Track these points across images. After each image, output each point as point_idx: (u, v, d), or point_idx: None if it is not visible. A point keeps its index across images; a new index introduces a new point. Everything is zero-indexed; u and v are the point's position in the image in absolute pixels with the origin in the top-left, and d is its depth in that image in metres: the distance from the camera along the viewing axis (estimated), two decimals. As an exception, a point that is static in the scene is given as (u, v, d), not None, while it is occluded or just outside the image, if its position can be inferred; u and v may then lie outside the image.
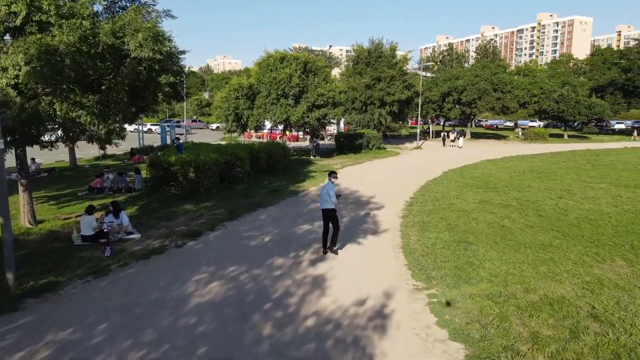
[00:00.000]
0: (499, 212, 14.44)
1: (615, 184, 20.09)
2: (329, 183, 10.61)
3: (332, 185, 10.48)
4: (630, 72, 55.96)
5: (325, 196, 10.29)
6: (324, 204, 10.37)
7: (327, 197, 10.26)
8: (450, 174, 24.14)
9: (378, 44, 41.32)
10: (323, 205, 10.42)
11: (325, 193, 10.34)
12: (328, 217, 10.43)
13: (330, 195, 10.23)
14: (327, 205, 10.35)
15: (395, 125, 41.95)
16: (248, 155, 20.02)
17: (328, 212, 10.40)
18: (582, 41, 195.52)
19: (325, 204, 10.37)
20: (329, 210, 10.38)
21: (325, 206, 10.38)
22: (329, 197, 10.24)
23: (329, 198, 10.24)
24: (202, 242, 11.41)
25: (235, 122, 28.14)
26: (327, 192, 10.29)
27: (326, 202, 10.32)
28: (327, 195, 10.26)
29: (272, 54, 28.01)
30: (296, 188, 19.25)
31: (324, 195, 10.38)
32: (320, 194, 10.56)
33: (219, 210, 14.92)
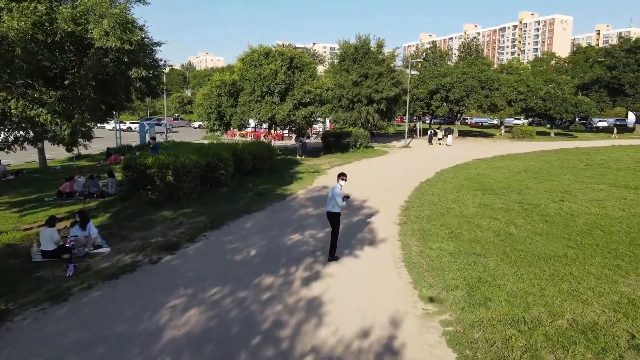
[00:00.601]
0: (503, 218, 13.46)
1: (615, 185, 19.35)
2: (337, 186, 9.90)
3: (338, 188, 9.78)
4: (615, 70, 55.92)
5: (332, 199, 9.73)
6: (331, 207, 9.80)
7: (334, 200, 9.68)
8: (443, 174, 23.18)
9: (365, 40, 40.23)
10: (329, 208, 9.86)
11: (331, 196, 9.75)
12: (330, 221, 9.91)
13: (335, 199, 9.61)
14: (333, 209, 9.78)
15: (383, 124, 40.97)
16: (231, 156, 18.72)
17: (332, 215, 9.82)
18: (563, 40, 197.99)
19: (331, 208, 9.80)
20: (333, 214, 9.81)
21: (329, 209, 9.82)
22: (334, 201, 9.67)
23: (334, 201, 9.67)
24: (180, 256, 10.14)
25: (218, 121, 26.74)
26: (332, 195, 9.71)
27: (332, 205, 9.76)
28: (333, 199, 9.68)
29: (257, 49, 26.68)
30: (283, 191, 18.04)
31: (330, 198, 9.79)
32: (328, 197, 9.92)
33: (200, 217, 13.64)
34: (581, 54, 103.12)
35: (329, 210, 9.87)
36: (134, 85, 10.77)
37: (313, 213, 14.35)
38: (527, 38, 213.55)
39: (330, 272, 9.23)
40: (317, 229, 12.47)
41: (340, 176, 10.12)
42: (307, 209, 15.02)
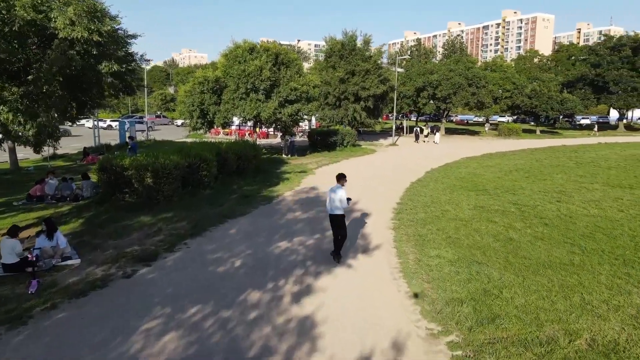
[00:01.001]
0: (501, 221, 12.85)
1: (609, 184, 18.96)
2: (339, 187, 9.59)
3: (342, 190, 9.54)
4: (599, 68, 56.20)
5: (337, 201, 9.43)
6: (335, 209, 9.53)
7: (339, 202, 9.42)
8: (434, 173, 22.59)
9: (352, 36, 39.51)
10: (333, 211, 9.56)
11: (337, 198, 9.44)
12: (335, 223, 9.62)
13: (342, 201, 9.40)
14: (338, 211, 9.52)
15: (370, 121, 40.33)
16: (215, 157, 17.82)
17: (338, 218, 9.55)
18: (545, 38, 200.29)
19: (336, 210, 9.52)
20: (339, 217, 9.56)
21: (336, 212, 9.52)
22: (338, 203, 9.42)
23: (339, 203, 9.42)
24: (158, 268, 9.26)
25: (201, 119, 25.74)
26: (339, 197, 9.42)
27: (337, 207, 9.48)
28: (339, 201, 9.41)
29: (241, 45, 25.72)
30: (269, 193, 17.21)
31: (334, 200, 9.47)
32: (329, 199, 9.61)
33: (181, 222, 12.76)
34: (564, 51, 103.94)
35: (334, 213, 9.53)
36: (105, 80, 9.77)
37: (301, 217, 13.57)
38: (510, 36, 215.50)
39: (323, 285, 8.46)
40: (306, 235, 11.69)
41: (342, 178, 9.79)
42: (295, 212, 14.22)
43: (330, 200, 9.57)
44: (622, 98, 54.89)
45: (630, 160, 27.41)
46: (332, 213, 9.59)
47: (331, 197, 9.56)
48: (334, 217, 9.58)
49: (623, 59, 55.08)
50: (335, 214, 9.55)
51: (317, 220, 13.14)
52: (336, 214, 9.55)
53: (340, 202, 9.39)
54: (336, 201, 9.42)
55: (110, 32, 8.56)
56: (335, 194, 9.46)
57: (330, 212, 9.62)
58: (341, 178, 9.77)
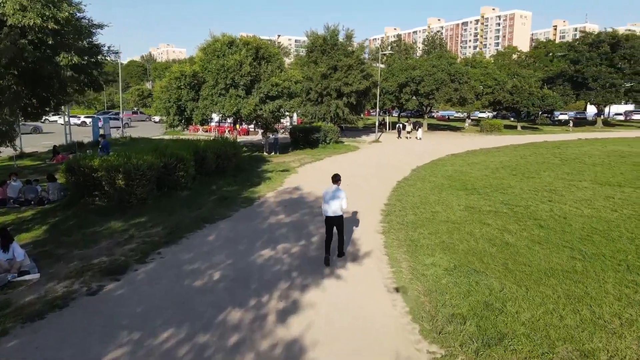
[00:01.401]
0: (494, 223, 12.27)
1: (597, 182, 18.66)
2: (338, 188, 9.43)
3: (343, 191, 9.44)
4: (578, 64, 56.62)
5: (335, 203, 9.26)
6: (336, 212, 9.32)
7: (338, 205, 9.27)
8: (420, 171, 22.03)
9: (334, 30, 38.77)
10: (330, 212, 9.32)
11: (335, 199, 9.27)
12: (335, 225, 9.45)
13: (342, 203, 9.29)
14: (338, 213, 9.35)
15: (353, 118, 39.68)
16: (192, 156, 16.87)
17: (337, 219, 9.39)
18: (522, 34, 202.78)
19: (336, 212, 9.32)
20: (339, 217, 9.41)
21: (334, 214, 9.32)
22: (338, 205, 9.27)
23: (339, 206, 9.29)
24: (127, 283, 8.36)
25: (178, 116, 24.63)
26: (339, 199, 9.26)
27: (336, 210, 9.30)
28: (338, 203, 9.26)
29: (219, 38, 24.65)
30: (250, 194, 16.34)
31: (332, 201, 9.27)
32: (326, 200, 9.38)
33: (155, 228, 11.83)
34: (542, 48, 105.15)
35: (335, 215, 9.32)
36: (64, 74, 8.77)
37: (285, 221, 12.76)
38: (489, 32, 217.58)
39: (311, 300, 7.70)
40: (291, 241, 10.90)
41: (339, 179, 9.57)
42: (278, 215, 13.41)
43: (330, 203, 9.28)
44: (600, 94, 55.42)
45: (614, 157, 27.36)
46: (332, 215, 9.32)
47: (330, 199, 9.29)
48: (336, 219, 9.37)
49: (602, 55, 55.60)
50: (336, 216, 9.34)
51: (302, 225, 12.36)
52: (337, 216, 9.36)
53: (340, 203, 9.25)
54: (337, 203, 9.24)
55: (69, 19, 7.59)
56: (337, 196, 9.28)
57: (330, 214, 9.33)
58: (338, 179, 9.55)
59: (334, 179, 9.58)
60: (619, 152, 30.28)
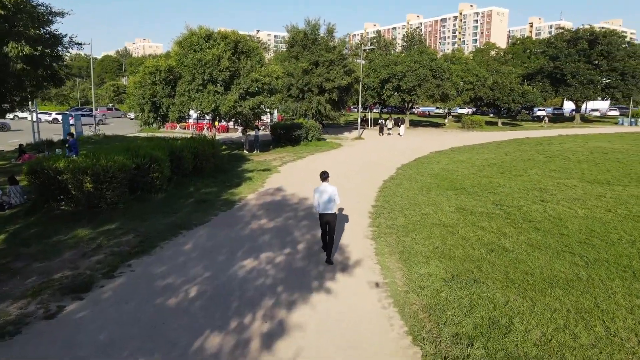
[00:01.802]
0: (489, 226, 11.68)
1: (585, 180, 18.35)
2: (328, 185, 9.31)
3: (334, 187, 9.35)
4: (557, 60, 57.00)
5: (328, 200, 9.18)
6: (330, 209, 9.23)
7: (331, 202, 9.20)
8: (406, 170, 21.42)
9: (315, 25, 37.84)
10: (324, 210, 9.22)
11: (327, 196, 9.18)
12: (328, 222, 9.27)
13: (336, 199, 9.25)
14: (332, 210, 9.26)
15: (334, 114, 38.92)
16: (167, 156, 15.87)
17: (331, 216, 9.26)
18: (500, 31, 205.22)
19: (332, 209, 9.25)
20: (333, 214, 9.29)
21: (329, 212, 9.23)
22: (333, 202, 9.22)
23: (333, 203, 9.23)
24: (91, 303, 7.44)
25: (153, 113, 23.46)
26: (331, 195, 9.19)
27: (329, 207, 9.21)
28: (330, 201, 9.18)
29: (196, 32, 23.54)
30: (230, 196, 15.44)
31: (324, 199, 9.18)
32: (318, 197, 9.26)
33: (126, 236, 10.88)
34: (519, 44, 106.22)
35: (330, 212, 9.21)
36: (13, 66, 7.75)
37: (268, 226, 11.93)
38: (467, 29, 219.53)
39: (299, 320, 6.91)
40: (275, 249, 10.09)
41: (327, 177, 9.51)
42: (260, 220, 12.57)
43: (323, 200, 9.17)
44: (579, 90, 55.93)
45: (597, 154, 27.28)
46: (326, 212, 9.20)
47: (323, 197, 9.18)
48: (329, 216, 9.23)
49: (580, 51, 56.07)
50: (329, 213, 9.22)
51: (286, 230, 11.55)
52: (331, 213, 9.24)
53: (334, 199, 9.19)
54: (330, 200, 9.15)
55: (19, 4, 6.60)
56: (328, 192, 9.17)
57: (323, 212, 9.21)
58: (327, 176, 9.48)
59: (322, 177, 9.43)
60: (601, 148, 30.29)
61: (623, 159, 24.86)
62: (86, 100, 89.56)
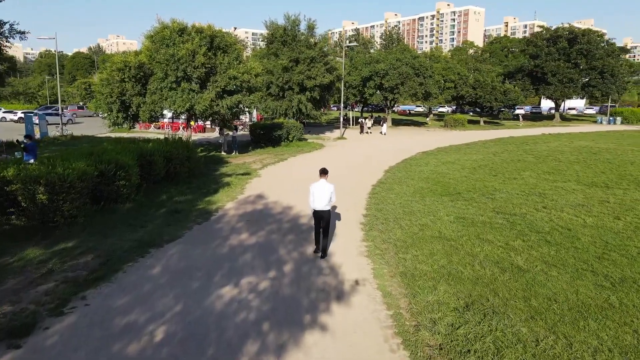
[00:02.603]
0: (495, 239, 10.58)
1: (583, 183, 17.52)
2: (325, 182, 9.37)
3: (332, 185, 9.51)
4: (538, 59, 56.92)
5: (325, 197, 9.30)
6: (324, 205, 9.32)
7: (327, 199, 9.33)
8: (394, 173, 20.28)
9: (295, 21, 36.52)
10: (319, 206, 9.33)
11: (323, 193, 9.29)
12: (323, 218, 9.37)
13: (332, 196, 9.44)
14: (328, 207, 9.39)
15: (316, 113, 37.67)
16: (136, 161, 14.33)
17: (326, 212, 9.38)
18: (476, 30, 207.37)
19: (327, 206, 9.37)
20: (328, 212, 9.43)
21: (324, 208, 9.33)
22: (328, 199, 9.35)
23: (328, 200, 9.35)
24: (30, 352, 5.98)
25: (122, 112, 21.75)
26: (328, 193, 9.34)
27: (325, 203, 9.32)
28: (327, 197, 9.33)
29: (168, 25, 21.90)
30: (207, 205, 14.01)
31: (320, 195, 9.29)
32: (314, 194, 9.35)
33: (84, 257, 9.39)
34: (497, 43, 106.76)
35: (325, 209, 9.31)
36: None
37: (249, 242, 10.57)
38: (444, 28, 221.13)
39: (291, 373, 5.61)
40: (258, 272, 8.74)
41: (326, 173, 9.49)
42: (241, 234, 11.20)
43: (319, 197, 9.26)
44: (559, 89, 55.96)
45: (585, 154, 26.70)
46: (321, 209, 9.30)
47: (319, 193, 9.27)
48: (324, 213, 9.32)
49: (560, 50, 56.09)
50: (324, 210, 9.31)
51: (270, 247, 10.22)
52: (326, 210, 9.34)
53: (330, 196, 9.32)
54: (326, 197, 9.25)
55: None
56: (325, 190, 9.27)
57: (318, 208, 9.30)
58: (326, 172, 9.46)
59: (321, 173, 9.43)
60: (588, 148, 29.80)
61: (613, 159, 24.28)
62: (56, 98, 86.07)
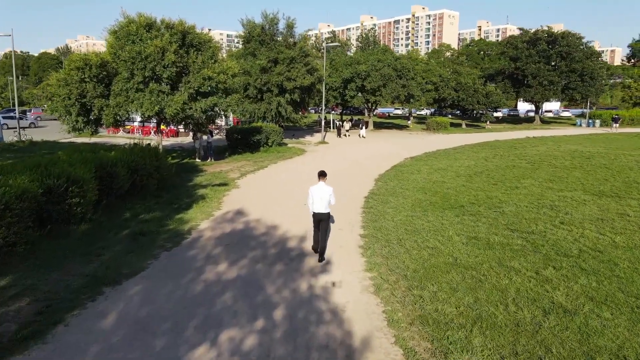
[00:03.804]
0: (521, 267, 8.95)
1: (590, 192, 16.20)
2: (323, 184, 9.35)
3: (331, 187, 9.41)
4: (519, 61, 56.48)
5: (324, 199, 9.27)
6: (323, 208, 9.32)
7: (326, 201, 9.30)
8: (386, 182, 18.63)
9: (273, 19, 34.70)
10: (318, 209, 9.33)
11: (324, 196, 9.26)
12: (323, 220, 9.36)
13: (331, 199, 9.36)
14: (327, 210, 9.37)
15: (296, 116, 35.85)
16: (94, 174, 12.23)
17: (325, 215, 9.36)
18: (451, 33, 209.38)
19: (326, 208, 9.36)
20: (327, 214, 9.42)
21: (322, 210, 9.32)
22: (327, 202, 9.32)
23: (327, 202, 9.32)
24: None
25: (83, 116, 19.46)
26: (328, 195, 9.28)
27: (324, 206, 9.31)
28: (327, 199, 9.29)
29: (134, 19, 19.74)
30: (178, 225, 12.02)
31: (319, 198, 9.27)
32: (313, 196, 9.34)
33: (17, 302, 7.40)
34: (474, 46, 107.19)
35: (324, 211, 9.33)
36: None
37: (229, 276, 8.67)
38: (420, 31, 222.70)
39: None
40: (242, 323, 6.87)
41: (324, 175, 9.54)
42: (219, 264, 9.28)
43: (318, 199, 9.28)
44: (539, 91, 55.61)
45: (579, 159, 25.63)
46: (320, 212, 9.31)
47: (318, 196, 9.27)
48: (323, 216, 9.32)
49: (540, 52, 55.77)
50: (324, 212, 9.33)
51: (255, 284, 8.35)
52: (326, 212, 9.36)
53: (329, 198, 9.31)
54: (325, 200, 9.26)
55: None
56: (324, 192, 9.27)
57: (317, 211, 9.32)
58: (324, 175, 9.52)
59: (319, 175, 9.50)
60: (579, 152, 28.82)
61: (609, 164, 23.22)
62: (21, 100, 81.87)
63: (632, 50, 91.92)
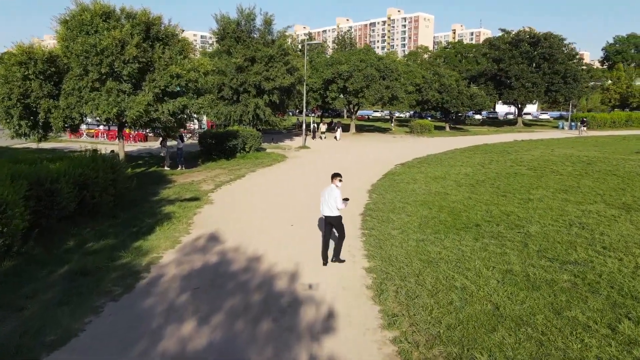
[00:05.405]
0: (583, 317, 6.79)
1: (614, 205, 14.31)
2: (334, 187, 9.02)
3: (337, 190, 9.01)
4: (502, 62, 55.39)
5: (331, 203, 8.94)
6: (331, 211, 9.02)
7: (333, 204, 8.93)
8: (381, 194, 16.40)
9: (249, 14, 32.25)
10: (325, 212, 9.13)
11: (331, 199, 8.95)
12: (333, 224, 9.12)
13: (336, 201, 8.93)
14: (334, 212, 9.02)
15: (275, 119, 33.42)
16: (25, 193, 9.57)
17: (333, 219, 9.05)
18: (426, 36, 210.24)
19: (333, 211, 9.02)
20: (335, 217, 9.06)
21: (334, 213, 9.03)
22: (332, 204, 8.94)
23: (332, 204, 8.94)
24: None
25: (27, 120, 16.60)
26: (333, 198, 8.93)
27: (331, 209, 8.99)
28: (333, 202, 8.93)
29: (89, 7, 16.97)
30: (134, 257, 9.46)
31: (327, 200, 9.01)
32: (322, 198, 9.14)
33: None
34: (451, 48, 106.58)
35: (329, 214, 9.04)
36: None
37: (199, 342, 6.23)
38: (396, 34, 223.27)
39: None
40: None
41: (338, 177, 9.23)
42: (184, 323, 6.82)
43: (325, 202, 9.05)
44: (523, 93, 54.63)
45: (580, 164, 24.03)
46: (328, 215, 9.05)
47: (325, 198, 9.05)
48: (331, 219, 9.07)
49: (523, 54, 54.82)
50: (333, 215, 9.03)
51: (233, 353, 5.93)
52: (333, 215, 9.04)
53: (335, 202, 8.91)
54: (331, 202, 8.93)
55: None
56: (331, 195, 8.96)
57: (325, 214, 9.10)
58: (335, 176, 9.23)
59: (332, 177, 9.27)
60: (576, 157, 27.28)
61: (615, 170, 21.62)
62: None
63: (606, 54, 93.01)
